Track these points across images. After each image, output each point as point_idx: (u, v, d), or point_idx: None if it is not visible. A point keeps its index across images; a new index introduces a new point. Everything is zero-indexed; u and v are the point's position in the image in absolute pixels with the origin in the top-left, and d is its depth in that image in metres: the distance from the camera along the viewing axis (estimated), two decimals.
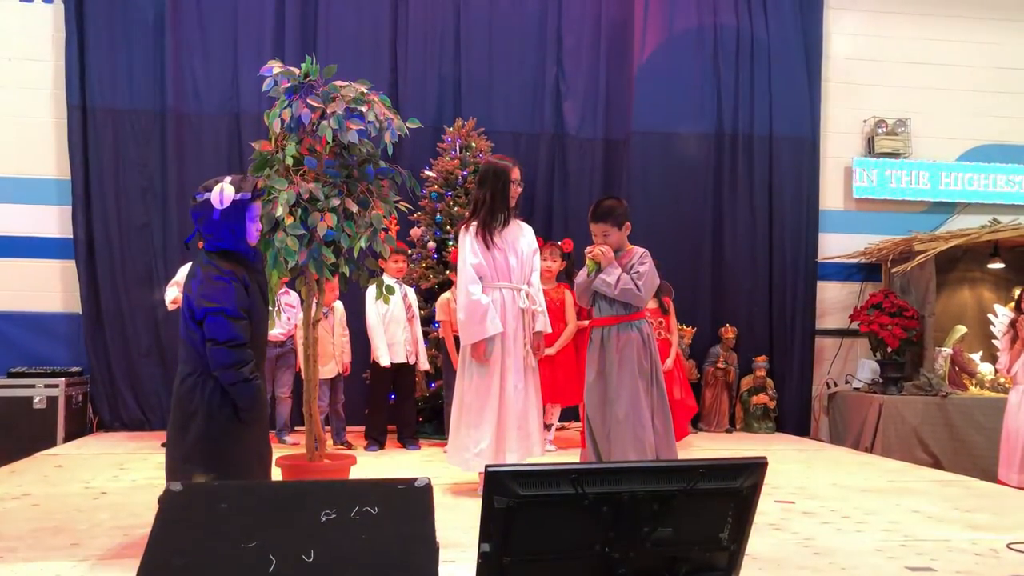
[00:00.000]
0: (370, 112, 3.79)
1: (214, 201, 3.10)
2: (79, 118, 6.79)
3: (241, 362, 3.07)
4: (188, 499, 2.10)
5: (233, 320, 3.06)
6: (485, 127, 6.97)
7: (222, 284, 3.07)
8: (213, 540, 1.97)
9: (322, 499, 2.09)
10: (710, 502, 1.93)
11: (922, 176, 7.90)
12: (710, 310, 7.60)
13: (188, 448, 3.09)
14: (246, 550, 1.94)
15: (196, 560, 1.93)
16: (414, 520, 2.07)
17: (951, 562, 3.22)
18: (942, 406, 6.78)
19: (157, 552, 1.94)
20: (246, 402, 3.11)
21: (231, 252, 3.16)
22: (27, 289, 6.81)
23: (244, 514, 2.04)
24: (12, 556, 3.13)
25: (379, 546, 1.99)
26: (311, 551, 1.96)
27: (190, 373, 3.12)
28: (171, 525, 2.01)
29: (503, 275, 4.40)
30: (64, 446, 6.05)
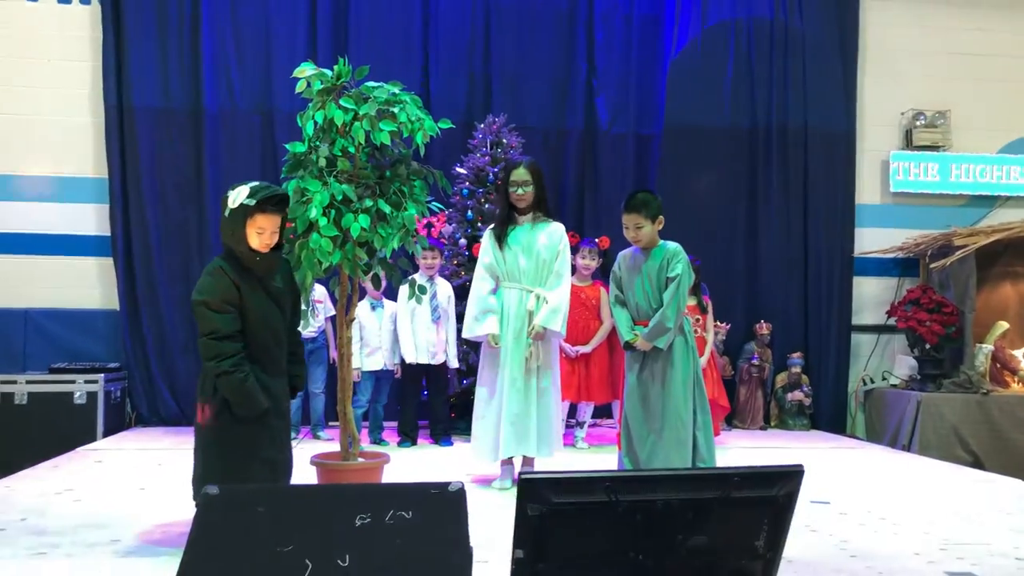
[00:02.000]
0: (402, 113, 3.80)
1: (229, 200, 3.23)
2: (116, 118, 6.89)
3: (220, 354, 3.14)
4: (225, 502, 2.12)
5: (213, 312, 3.15)
6: (516, 124, 6.95)
7: (209, 278, 3.20)
8: (250, 544, 1.99)
9: (357, 503, 2.10)
10: (745, 510, 1.91)
11: (961, 169, 7.75)
12: (744, 306, 7.54)
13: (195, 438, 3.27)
14: (282, 554, 1.96)
15: (233, 564, 1.95)
16: (448, 524, 2.07)
17: (993, 568, 3.14)
18: (983, 404, 6.67)
19: (195, 556, 1.96)
20: (230, 396, 3.16)
21: (231, 251, 3.26)
22: (67, 286, 6.92)
23: (281, 518, 2.06)
24: (56, 552, 3.19)
25: (413, 551, 2.00)
26: (346, 555, 1.98)
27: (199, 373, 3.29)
28: (209, 528, 2.03)
29: (513, 276, 4.50)
30: (104, 441, 6.15)
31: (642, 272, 4.13)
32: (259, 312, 3.26)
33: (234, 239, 3.23)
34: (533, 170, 4.54)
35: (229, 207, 3.21)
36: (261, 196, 3.21)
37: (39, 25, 6.98)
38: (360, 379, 6.00)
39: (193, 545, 1.98)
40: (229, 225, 3.23)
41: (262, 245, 3.26)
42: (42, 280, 6.88)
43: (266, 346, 3.29)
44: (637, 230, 4.11)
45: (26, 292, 6.83)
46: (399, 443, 5.99)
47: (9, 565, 2.87)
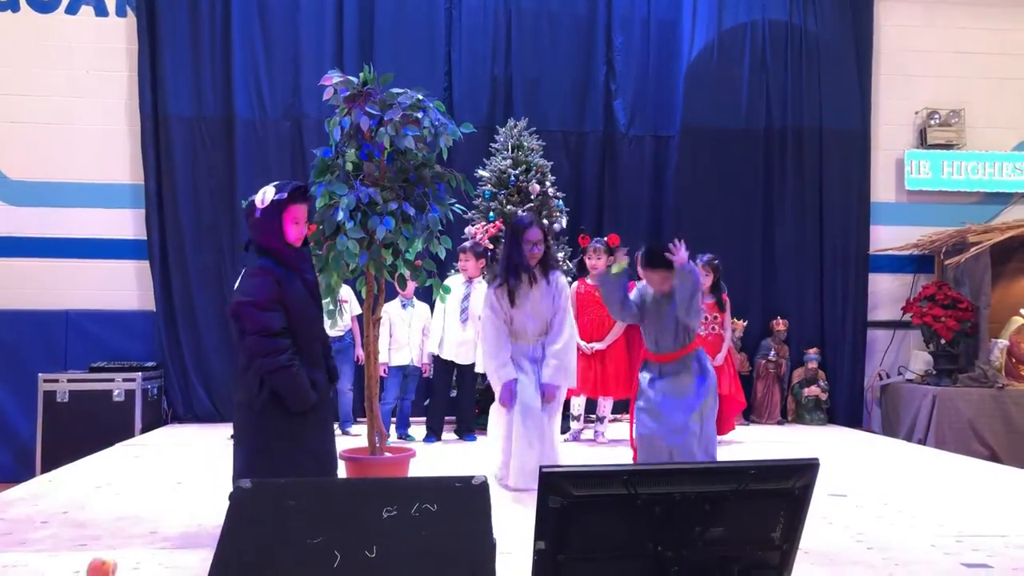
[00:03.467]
0: (425, 118, 3.98)
1: (256, 201, 3.32)
2: (151, 126, 7.14)
3: (275, 350, 3.19)
4: (257, 496, 2.21)
5: (262, 311, 3.20)
6: (536, 127, 7.12)
7: (254, 279, 3.25)
8: (281, 536, 2.07)
9: (384, 497, 2.19)
10: (762, 503, 1.94)
11: (976, 167, 7.81)
12: (761, 303, 7.65)
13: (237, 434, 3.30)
14: (312, 546, 2.04)
15: (265, 556, 2.03)
16: (472, 517, 2.16)
17: (1009, 559, 3.17)
18: (998, 398, 6.73)
19: (228, 548, 2.05)
20: (284, 390, 3.20)
21: (270, 250, 3.32)
22: (105, 288, 7.19)
23: (310, 511, 2.15)
24: (96, 544, 3.33)
25: (438, 542, 2.07)
26: (373, 547, 2.05)
27: (240, 367, 3.29)
28: (241, 521, 2.12)
29: (520, 334, 4.51)
30: (141, 437, 6.36)
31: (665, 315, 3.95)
32: (299, 307, 3.32)
33: (271, 236, 3.31)
34: (543, 227, 4.53)
35: (259, 207, 3.30)
36: (290, 188, 3.35)
37: (78, 37, 7.25)
38: (388, 375, 6.20)
39: (226, 537, 2.07)
40: (263, 225, 3.31)
41: (298, 237, 3.38)
42: (82, 283, 7.15)
43: (307, 340, 3.36)
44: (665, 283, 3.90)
45: (67, 294, 7.10)
46: (425, 438, 6.16)
47: (52, 557, 3.01)
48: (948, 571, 3.02)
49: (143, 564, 3.05)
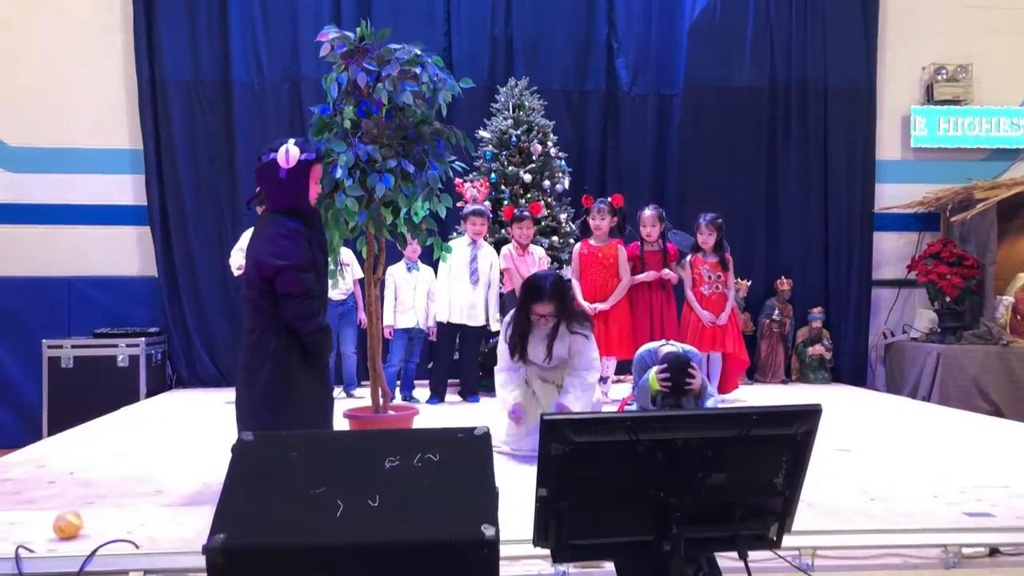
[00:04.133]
0: (424, 73, 3.94)
1: (280, 161, 3.24)
2: (149, 91, 7.09)
3: (316, 312, 3.25)
4: (259, 448, 2.21)
5: (303, 273, 3.21)
6: (538, 86, 7.05)
7: (289, 241, 3.22)
8: (283, 487, 2.07)
9: (386, 447, 2.19)
10: (764, 448, 1.92)
11: (983, 123, 7.73)
12: (765, 263, 7.63)
13: (257, 398, 3.26)
14: (315, 496, 2.04)
15: (268, 505, 2.03)
16: (474, 466, 2.15)
17: (1011, 508, 3.19)
18: (1003, 355, 6.72)
19: (231, 498, 2.05)
20: (319, 348, 3.28)
21: (294, 211, 3.30)
22: (107, 255, 7.18)
23: (313, 462, 2.15)
24: (102, 502, 3.37)
25: (440, 491, 2.07)
26: (376, 496, 2.04)
27: (255, 328, 3.28)
28: (244, 473, 2.12)
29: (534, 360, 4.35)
30: (146, 401, 6.41)
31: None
32: (319, 264, 3.36)
33: (297, 196, 3.28)
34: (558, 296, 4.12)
35: (285, 167, 3.23)
36: (315, 148, 3.33)
37: (74, 2, 7.16)
38: (393, 337, 6.20)
39: (229, 489, 2.07)
40: (289, 184, 3.25)
41: (315, 196, 3.39)
42: (84, 249, 7.14)
43: (323, 295, 3.43)
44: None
45: (69, 261, 7.09)
46: (428, 400, 6.18)
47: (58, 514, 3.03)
48: (950, 520, 3.03)
49: (149, 521, 3.08)
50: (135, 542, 2.67)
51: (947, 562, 2.64)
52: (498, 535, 1.98)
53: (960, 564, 2.63)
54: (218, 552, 1.92)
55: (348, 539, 1.96)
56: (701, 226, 6.27)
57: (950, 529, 2.78)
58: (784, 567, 2.45)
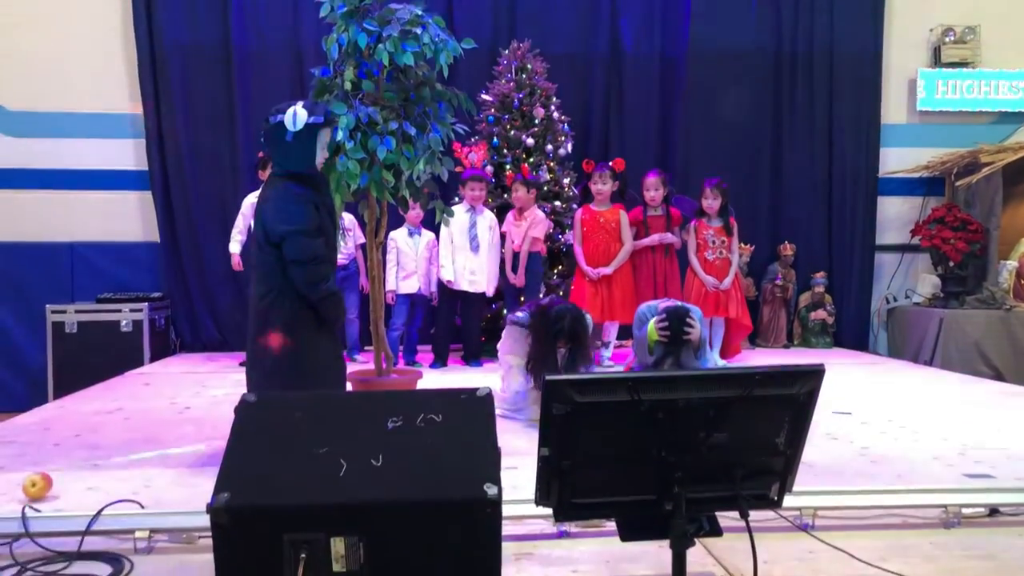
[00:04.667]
0: (425, 34, 3.89)
1: (288, 123, 3.21)
2: (148, 54, 7.01)
3: (325, 277, 3.25)
4: (263, 409, 2.23)
5: (312, 239, 3.20)
6: (540, 49, 6.96)
7: (297, 207, 3.20)
8: (287, 447, 2.09)
9: (389, 408, 2.20)
10: (766, 408, 1.92)
11: (990, 86, 7.64)
12: (768, 227, 7.59)
13: (269, 364, 3.25)
14: (318, 456, 2.06)
15: (271, 465, 2.05)
16: (476, 426, 2.17)
17: (1011, 469, 3.21)
18: (1005, 319, 6.72)
19: (235, 458, 2.07)
20: (332, 313, 3.30)
21: (300, 175, 3.28)
22: (109, 219, 7.15)
23: (316, 422, 2.16)
24: (108, 463, 3.41)
25: (443, 450, 2.09)
26: (379, 456, 2.06)
27: (266, 293, 3.26)
28: (247, 433, 2.14)
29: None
30: (150, 366, 6.43)
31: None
32: (327, 229, 3.35)
33: (304, 160, 3.27)
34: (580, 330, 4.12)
35: (292, 130, 3.21)
36: (324, 112, 3.31)
37: None
38: (395, 303, 6.21)
39: (232, 449, 2.10)
40: (297, 147, 3.23)
41: (323, 160, 3.37)
42: (86, 214, 7.11)
43: (333, 260, 3.43)
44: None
45: (71, 226, 7.08)
46: (431, 364, 6.20)
47: (66, 474, 3.07)
48: (950, 481, 3.05)
49: (154, 481, 3.11)
50: (140, 502, 2.69)
51: (947, 522, 2.66)
52: (500, 494, 2.00)
53: (960, 524, 2.65)
54: (222, 511, 1.95)
55: (351, 498, 1.98)
56: (706, 190, 6.24)
57: (950, 489, 2.80)
58: (785, 526, 2.47)
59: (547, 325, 4.06)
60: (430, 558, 1.99)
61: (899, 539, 2.55)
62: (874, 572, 2.24)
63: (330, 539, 1.95)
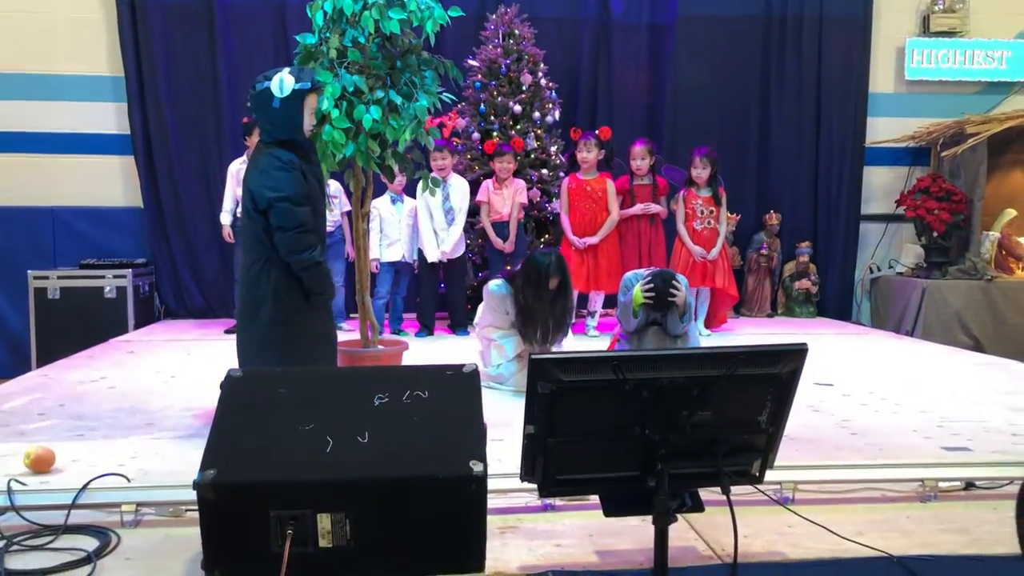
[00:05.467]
0: (411, 2, 3.84)
1: (274, 89, 3.19)
2: (129, 14, 6.88)
3: (310, 246, 3.22)
4: (248, 384, 2.23)
5: (297, 206, 3.18)
6: (528, 13, 6.89)
7: (283, 173, 3.18)
8: (273, 423, 2.10)
9: (376, 384, 2.21)
10: (750, 387, 1.95)
11: (978, 55, 7.63)
12: (755, 196, 7.61)
13: (260, 333, 3.25)
14: (304, 432, 2.07)
15: (257, 442, 2.06)
16: (462, 403, 2.19)
17: (987, 442, 3.26)
18: (986, 290, 6.78)
19: (221, 434, 2.08)
20: (316, 284, 3.26)
21: (288, 142, 3.25)
22: (91, 184, 7.07)
23: (301, 398, 2.17)
24: (93, 434, 3.40)
25: (429, 427, 2.10)
26: (365, 432, 2.07)
27: (255, 262, 3.25)
28: (233, 409, 2.14)
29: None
30: (135, 333, 6.40)
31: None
32: (315, 197, 3.32)
33: (291, 126, 3.24)
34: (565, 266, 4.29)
35: (279, 96, 3.19)
36: (311, 76, 3.27)
37: None
38: (379, 271, 6.20)
39: (218, 425, 2.10)
40: (284, 113, 3.21)
41: (310, 127, 3.33)
42: (67, 179, 7.03)
43: (320, 229, 3.38)
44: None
45: (53, 191, 7.00)
46: (417, 333, 6.21)
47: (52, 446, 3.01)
48: (928, 454, 3.10)
49: (140, 453, 3.11)
50: (127, 475, 2.70)
51: (924, 496, 2.70)
52: (486, 471, 2.01)
53: (936, 498, 2.70)
54: (208, 487, 1.96)
55: (338, 475, 1.99)
56: (695, 160, 6.23)
57: (927, 464, 2.84)
58: (766, 500, 2.51)
59: (535, 266, 4.17)
60: (416, 534, 2.01)
61: (877, 513, 2.60)
62: (852, 546, 2.28)
63: (316, 515, 1.97)
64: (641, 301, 4.07)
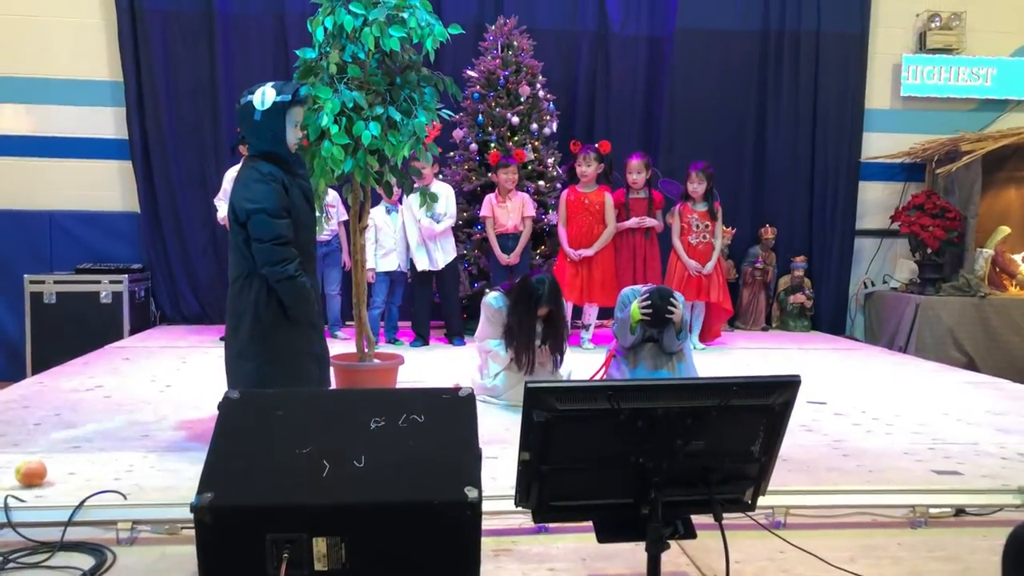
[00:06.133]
0: (411, 18, 3.85)
1: (256, 102, 3.21)
2: (129, 20, 6.90)
3: (285, 259, 3.18)
4: (246, 406, 2.24)
5: (274, 219, 3.16)
6: (527, 25, 6.92)
7: (262, 185, 3.18)
8: (270, 446, 2.11)
9: (372, 407, 2.23)
10: (743, 417, 1.98)
11: (973, 72, 7.68)
12: (750, 210, 7.64)
13: (240, 346, 3.26)
14: (301, 456, 2.08)
15: (254, 465, 2.07)
16: (458, 427, 2.20)
17: (978, 466, 3.29)
18: (979, 306, 6.82)
19: (219, 457, 2.09)
20: (291, 299, 3.22)
21: (271, 154, 3.26)
22: (89, 189, 7.07)
23: (299, 421, 2.19)
24: (89, 446, 3.40)
25: (425, 452, 2.12)
26: (362, 457, 2.08)
27: (238, 276, 3.26)
28: (230, 431, 2.15)
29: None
30: (130, 339, 6.40)
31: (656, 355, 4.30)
32: (300, 212, 3.29)
33: (275, 139, 3.24)
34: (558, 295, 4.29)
35: (260, 109, 3.20)
36: (293, 89, 3.27)
37: None
38: (375, 280, 6.21)
39: (215, 448, 2.11)
40: (266, 126, 3.22)
41: (295, 140, 3.32)
42: (65, 183, 7.03)
43: (306, 245, 3.35)
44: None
45: (50, 195, 7.00)
46: (412, 343, 6.22)
47: (47, 457, 3.04)
48: (919, 478, 3.13)
49: (136, 467, 3.12)
50: (123, 492, 2.70)
51: (914, 521, 2.72)
52: (481, 497, 2.03)
53: (927, 524, 2.72)
54: (206, 510, 1.97)
55: (334, 500, 2.01)
56: (691, 174, 6.26)
57: (918, 490, 2.86)
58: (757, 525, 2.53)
59: (528, 291, 4.19)
60: (410, 558, 2.03)
61: (868, 538, 2.62)
62: (842, 574, 2.30)
63: (312, 539, 1.99)
64: (639, 318, 4.09)
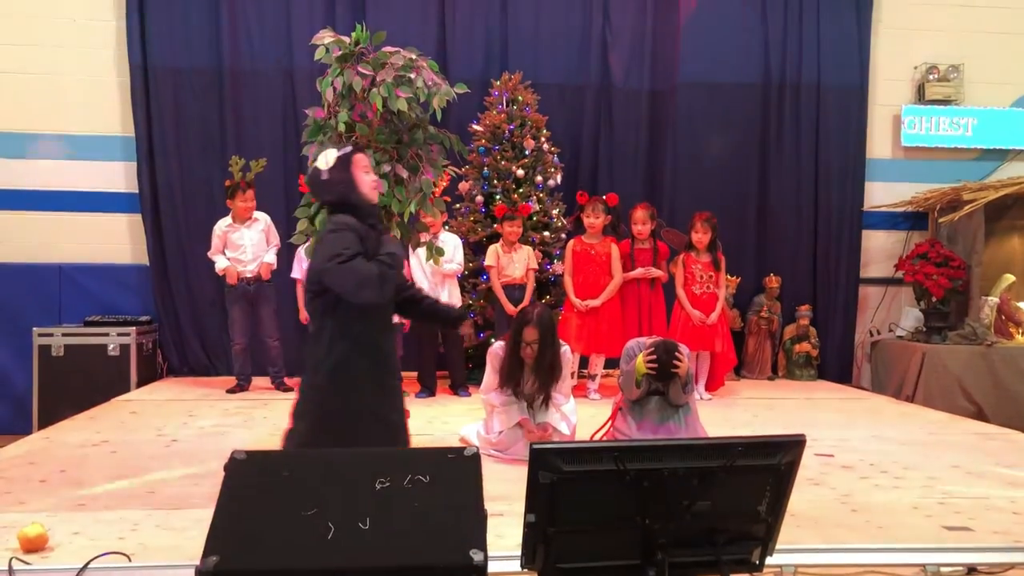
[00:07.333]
0: (419, 78, 3.93)
1: (320, 164, 3.29)
2: (141, 77, 7.04)
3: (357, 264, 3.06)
4: (251, 467, 2.23)
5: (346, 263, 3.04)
6: (532, 80, 7.04)
7: (333, 235, 3.15)
8: (275, 508, 2.10)
9: (377, 467, 2.22)
10: (749, 477, 1.99)
11: (973, 123, 7.77)
12: (755, 260, 7.67)
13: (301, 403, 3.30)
14: (306, 518, 2.07)
15: (259, 527, 2.06)
16: (463, 488, 2.18)
17: (989, 521, 3.25)
18: (986, 355, 6.80)
19: (224, 519, 2.08)
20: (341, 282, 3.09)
21: (348, 205, 3.26)
22: (99, 242, 7.16)
23: (304, 482, 2.17)
24: (95, 504, 3.40)
25: (430, 513, 2.10)
26: (367, 519, 2.07)
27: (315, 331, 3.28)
28: (236, 493, 2.14)
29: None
30: (137, 391, 6.41)
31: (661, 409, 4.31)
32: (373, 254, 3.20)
33: (344, 187, 3.24)
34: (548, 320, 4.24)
35: (325, 169, 3.26)
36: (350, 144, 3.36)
37: None
38: None
39: (221, 509, 2.10)
40: (334, 181, 3.24)
41: (372, 189, 3.30)
42: (75, 236, 7.11)
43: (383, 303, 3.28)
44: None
45: (60, 247, 7.08)
46: (418, 394, 6.22)
47: (53, 517, 3.05)
48: (929, 534, 3.09)
49: (140, 525, 3.11)
50: (127, 553, 2.70)
51: None
52: (486, 559, 2.02)
53: None
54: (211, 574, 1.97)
55: (339, 563, 1.99)
56: (696, 224, 6.31)
57: (928, 548, 2.84)
58: None
59: (519, 316, 4.25)
60: None
61: None
62: None
63: None
64: (644, 371, 4.10)
